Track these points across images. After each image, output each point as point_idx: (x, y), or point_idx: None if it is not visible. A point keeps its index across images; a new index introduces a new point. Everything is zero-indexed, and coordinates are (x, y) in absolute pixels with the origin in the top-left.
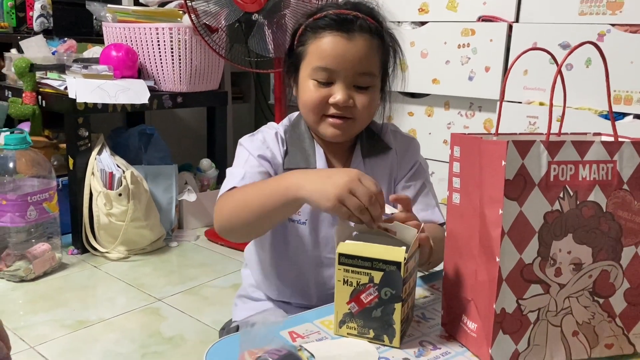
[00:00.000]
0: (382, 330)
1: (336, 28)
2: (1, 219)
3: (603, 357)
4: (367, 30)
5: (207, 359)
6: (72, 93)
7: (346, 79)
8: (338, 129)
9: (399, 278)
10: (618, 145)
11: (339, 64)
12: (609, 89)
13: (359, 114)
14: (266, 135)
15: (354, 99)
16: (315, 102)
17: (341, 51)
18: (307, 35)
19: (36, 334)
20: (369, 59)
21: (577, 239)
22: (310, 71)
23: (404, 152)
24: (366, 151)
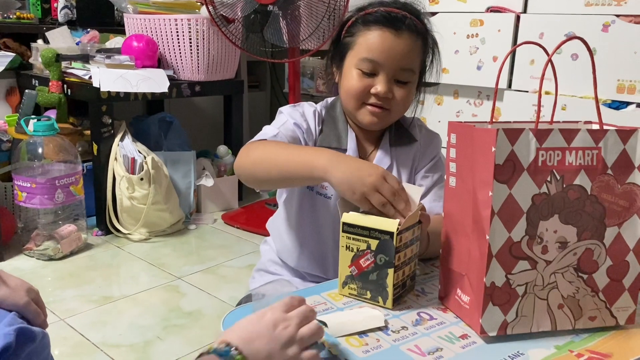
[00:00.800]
0: (377, 292)
1: (386, 24)
2: (31, 201)
3: (587, 328)
4: (413, 29)
5: (224, 326)
6: (96, 82)
7: (389, 72)
8: (375, 117)
9: (392, 246)
10: (603, 133)
11: (385, 58)
12: (595, 80)
13: (395, 106)
14: (306, 109)
15: (393, 92)
16: (357, 90)
17: (388, 46)
18: (356, 27)
19: (65, 308)
20: (412, 57)
21: (562, 220)
22: (356, 61)
23: (427, 145)
24: (394, 140)
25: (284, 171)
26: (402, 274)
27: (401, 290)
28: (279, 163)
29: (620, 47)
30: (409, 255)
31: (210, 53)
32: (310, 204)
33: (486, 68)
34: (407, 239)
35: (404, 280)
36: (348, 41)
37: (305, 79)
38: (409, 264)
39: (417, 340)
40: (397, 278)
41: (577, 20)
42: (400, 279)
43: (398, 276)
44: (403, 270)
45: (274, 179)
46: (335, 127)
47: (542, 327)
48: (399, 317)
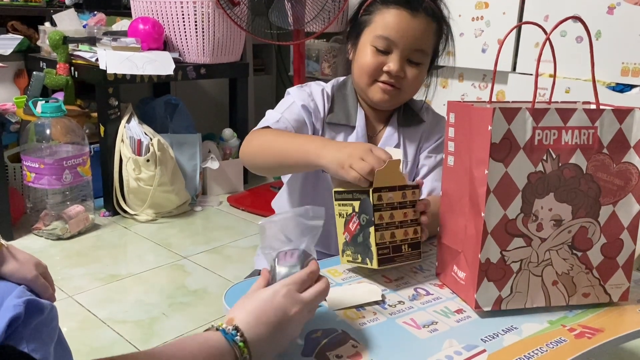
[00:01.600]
0: (364, 254)
1: (404, 4)
2: (40, 182)
3: (580, 304)
4: (431, 12)
5: (226, 298)
6: (102, 64)
7: (403, 51)
8: (386, 94)
9: (369, 204)
10: (599, 113)
11: (400, 37)
12: (593, 60)
13: (406, 86)
14: (313, 89)
15: (405, 71)
16: (371, 66)
17: (404, 25)
18: (375, 5)
19: (73, 285)
20: (426, 39)
21: (558, 198)
22: (372, 38)
23: (433, 127)
24: (402, 121)
25: (281, 158)
26: (389, 235)
27: (392, 253)
28: (276, 151)
29: (625, 29)
30: (398, 217)
31: (216, 36)
32: (313, 183)
33: (491, 51)
34: (392, 200)
35: (396, 244)
36: (365, 19)
37: (311, 62)
38: (401, 227)
39: (413, 314)
40: (383, 238)
41: (582, 3)
42: (387, 239)
43: (383, 236)
44: (392, 232)
45: (274, 167)
46: (345, 104)
47: (536, 303)
48: (396, 292)
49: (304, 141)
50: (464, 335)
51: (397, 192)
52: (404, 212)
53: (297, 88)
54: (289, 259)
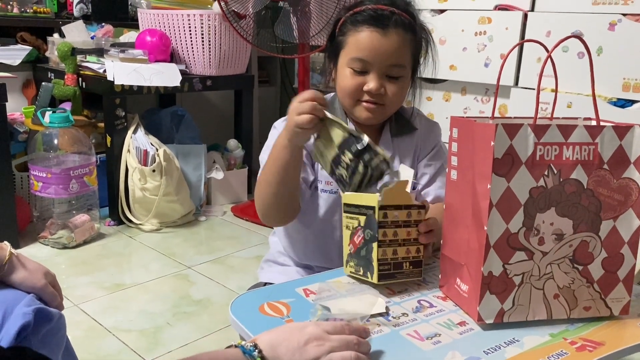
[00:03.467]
0: (366, 268)
1: (373, 23)
2: (46, 191)
3: (581, 318)
4: (401, 25)
5: (232, 309)
6: (110, 75)
7: (379, 69)
8: (371, 113)
9: (374, 220)
10: (600, 129)
11: (374, 57)
12: (593, 76)
13: (389, 101)
14: None
15: (385, 88)
16: (351, 88)
17: (376, 45)
18: (347, 26)
19: (79, 294)
20: (401, 52)
21: (559, 212)
22: (347, 60)
23: (427, 134)
24: (395, 131)
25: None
26: (391, 252)
27: (393, 270)
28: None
29: (626, 45)
30: (401, 235)
31: (222, 48)
32: (313, 201)
33: (494, 65)
34: (398, 218)
35: (397, 261)
36: (340, 40)
37: (315, 75)
38: (404, 245)
39: (416, 326)
40: (385, 254)
41: (583, 19)
42: (389, 256)
43: (385, 252)
44: (394, 249)
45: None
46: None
47: (538, 316)
48: (400, 304)
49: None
50: (466, 348)
51: (403, 211)
52: (407, 231)
53: (281, 122)
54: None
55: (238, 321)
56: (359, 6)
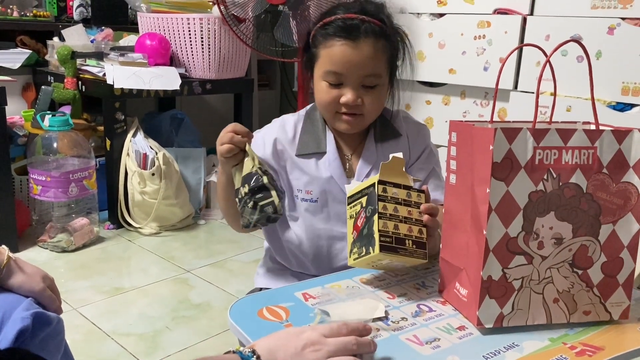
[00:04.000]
0: (368, 244)
1: (344, 35)
2: (46, 194)
3: (581, 322)
4: (372, 33)
5: (231, 313)
6: (109, 79)
7: (354, 81)
8: (350, 124)
9: (375, 195)
10: (599, 133)
11: (347, 69)
12: (592, 80)
13: (367, 110)
14: (267, 132)
15: (362, 98)
16: (327, 102)
17: (348, 57)
18: (318, 39)
19: (78, 297)
20: (375, 61)
21: (558, 216)
22: (322, 73)
23: (415, 137)
24: (379, 137)
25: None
26: (393, 226)
27: (396, 244)
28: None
29: (625, 49)
30: (402, 212)
31: (222, 52)
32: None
33: (493, 69)
34: (397, 195)
35: (399, 236)
36: (314, 52)
37: None
38: (405, 222)
39: (416, 331)
40: (386, 226)
41: (582, 23)
42: (390, 229)
43: (386, 225)
44: (396, 224)
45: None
46: (314, 132)
47: (537, 321)
48: (399, 308)
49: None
50: (466, 352)
51: (402, 190)
52: (408, 210)
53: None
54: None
55: (237, 325)
56: (328, 16)
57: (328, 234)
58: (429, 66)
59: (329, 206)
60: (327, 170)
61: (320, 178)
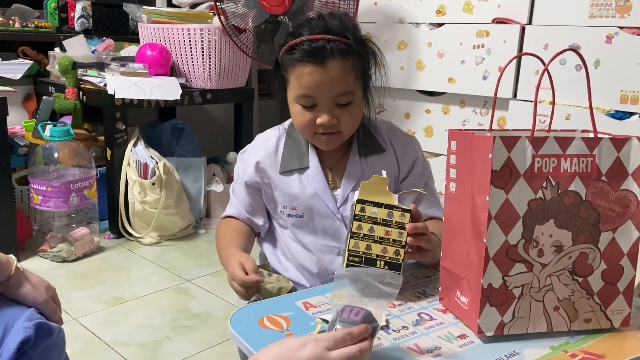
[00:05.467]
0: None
1: (310, 60)
2: (46, 204)
3: (582, 330)
4: (339, 53)
5: (231, 323)
6: (110, 89)
7: (327, 102)
8: (329, 142)
9: (352, 215)
10: (597, 141)
11: (318, 92)
12: (589, 89)
13: (344, 127)
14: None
15: (337, 117)
16: (304, 125)
17: (318, 80)
18: (286, 63)
19: (78, 307)
20: (345, 80)
21: (558, 224)
22: (294, 97)
23: (404, 151)
24: (363, 150)
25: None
26: (364, 247)
27: (365, 264)
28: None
29: (624, 58)
30: (378, 233)
31: (222, 62)
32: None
33: (492, 78)
34: (376, 215)
35: (371, 257)
36: (284, 75)
37: None
38: (380, 243)
39: (416, 340)
40: (357, 246)
41: (581, 32)
42: (361, 249)
43: (357, 245)
44: (368, 244)
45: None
46: (296, 148)
47: (538, 328)
48: (400, 317)
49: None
50: None
51: (383, 210)
52: (386, 230)
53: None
54: (352, 317)
55: (238, 335)
56: (293, 37)
57: (316, 247)
58: (429, 75)
59: (314, 220)
60: (310, 185)
61: (304, 194)
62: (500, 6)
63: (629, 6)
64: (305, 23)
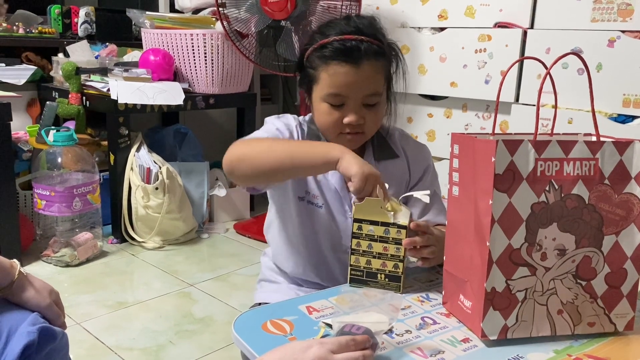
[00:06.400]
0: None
1: (344, 59)
2: (50, 209)
3: (586, 334)
4: (372, 54)
5: (235, 327)
6: (113, 94)
7: (356, 101)
8: (352, 142)
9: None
10: (600, 145)
11: (350, 91)
12: (592, 92)
13: (368, 127)
14: (290, 121)
15: (364, 117)
16: (331, 124)
17: (351, 79)
18: (315, 61)
19: (81, 312)
20: (376, 81)
21: (561, 228)
22: (323, 95)
23: (415, 158)
24: (378, 154)
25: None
26: (365, 262)
27: (366, 277)
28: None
29: (626, 62)
30: (377, 249)
31: (225, 67)
32: (300, 214)
33: (494, 82)
34: (373, 233)
35: (371, 271)
36: (311, 73)
37: None
38: (379, 258)
39: (420, 344)
40: (357, 262)
41: (583, 36)
42: (362, 264)
43: (358, 260)
44: (368, 259)
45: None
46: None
47: (541, 332)
48: (404, 321)
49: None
50: None
51: (380, 227)
52: (384, 246)
53: (275, 118)
54: (354, 331)
55: (241, 339)
56: (322, 36)
57: (329, 243)
58: (431, 79)
59: (331, 214)
60: (331, 179)
61: (326, 186)
62: (502, 10)
63: (631, 10)
64: (334, 23)
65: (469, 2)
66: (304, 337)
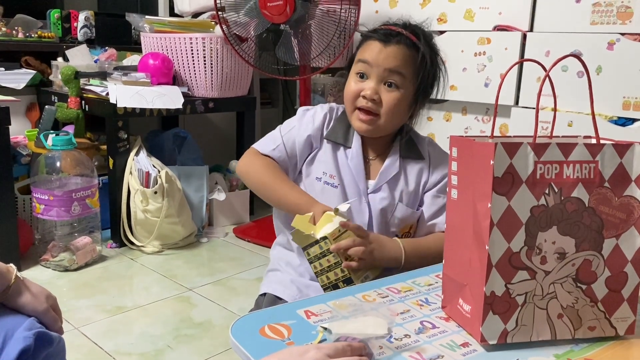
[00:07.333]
0: None
1: (380, 37)
2: (48, 213)
3: (586, 338)
4: (404, 42)
5: (232, 331)
6: (112, 98)
7: (377, 74)
8: (364, 123)
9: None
10: (600, 147)
11: (374, 59)
12: (592, 95)
13: (383, 112)
14: (317, 113)
15: (380, 95)
16: (351, 93)
17: (377, 50)
18: (359, 44)
19: (80, 317)
20: (400, 61)
21: (561, 231)
22: (354, 66)
23: (437, 163)
24: (404, 152)
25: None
26: (326, 278)
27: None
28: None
29: (626, 64)
30: (325, 264)
31: (224, 71)
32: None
33: (493, 85)
34: (316, 252)
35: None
36: (354, 55)
37: (317, 96)
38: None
39: (419, 348)
40: (323, 281)
41: (582, 39)
42: (325, 281)
43: (323, 280)
44: (327, 275)
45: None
46: (345, 125)
47: (542, 336)
48: (402, 325)
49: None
50: None
51: (316, 247)
52: (327, 260)
53: (303, 111)
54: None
55: (239, 344)
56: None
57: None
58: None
59: (346, 195)
60: (350, 162)
61: (344, 168)
62: (502, 13)
63: (631, 12)
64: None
65: (468, 5)
66: (302, 342)
